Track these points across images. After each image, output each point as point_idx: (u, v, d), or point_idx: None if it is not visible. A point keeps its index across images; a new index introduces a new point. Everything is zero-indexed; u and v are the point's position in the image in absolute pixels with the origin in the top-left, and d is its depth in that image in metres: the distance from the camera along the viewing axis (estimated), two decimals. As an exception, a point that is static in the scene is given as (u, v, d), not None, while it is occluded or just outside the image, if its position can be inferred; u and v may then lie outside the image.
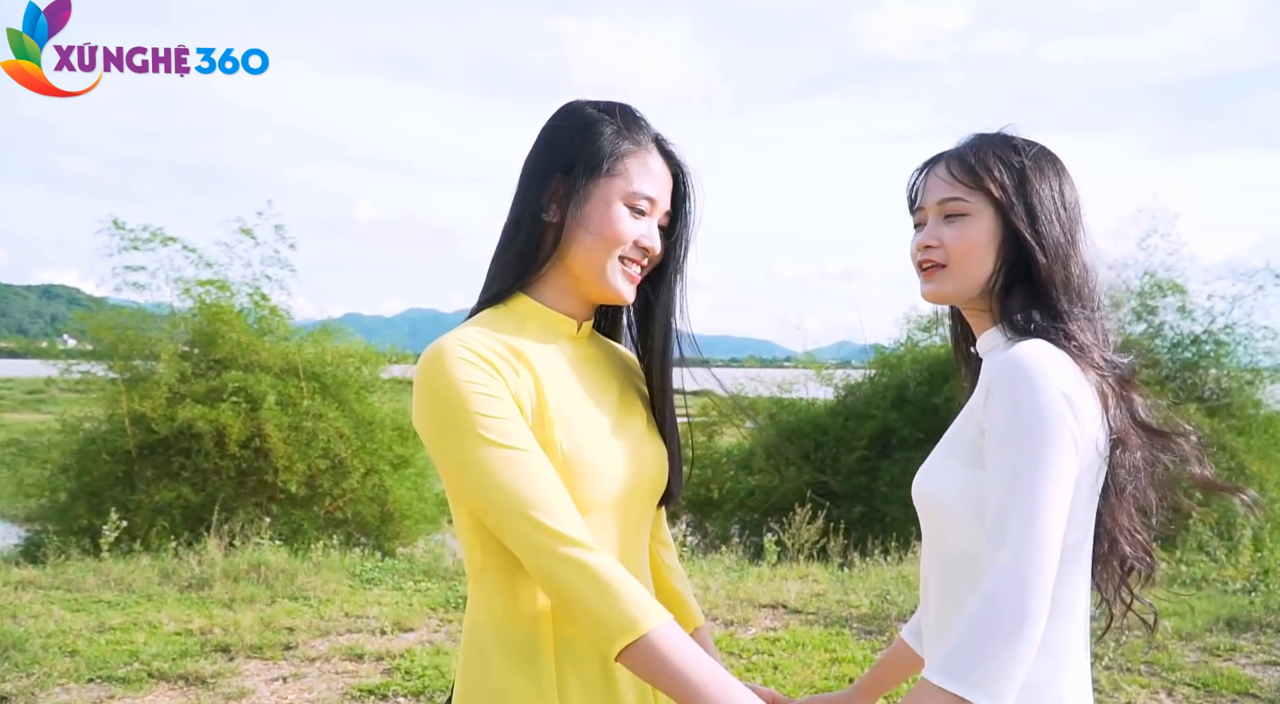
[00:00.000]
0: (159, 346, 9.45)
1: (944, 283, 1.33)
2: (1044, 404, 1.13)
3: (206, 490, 8.95)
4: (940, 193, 1.33)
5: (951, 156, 1.35)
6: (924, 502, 1.31)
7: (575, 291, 1.31)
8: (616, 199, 1.26)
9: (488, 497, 1.13)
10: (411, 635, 5.03)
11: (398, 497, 10.02)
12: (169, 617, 5.18)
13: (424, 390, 1.17)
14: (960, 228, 1.31)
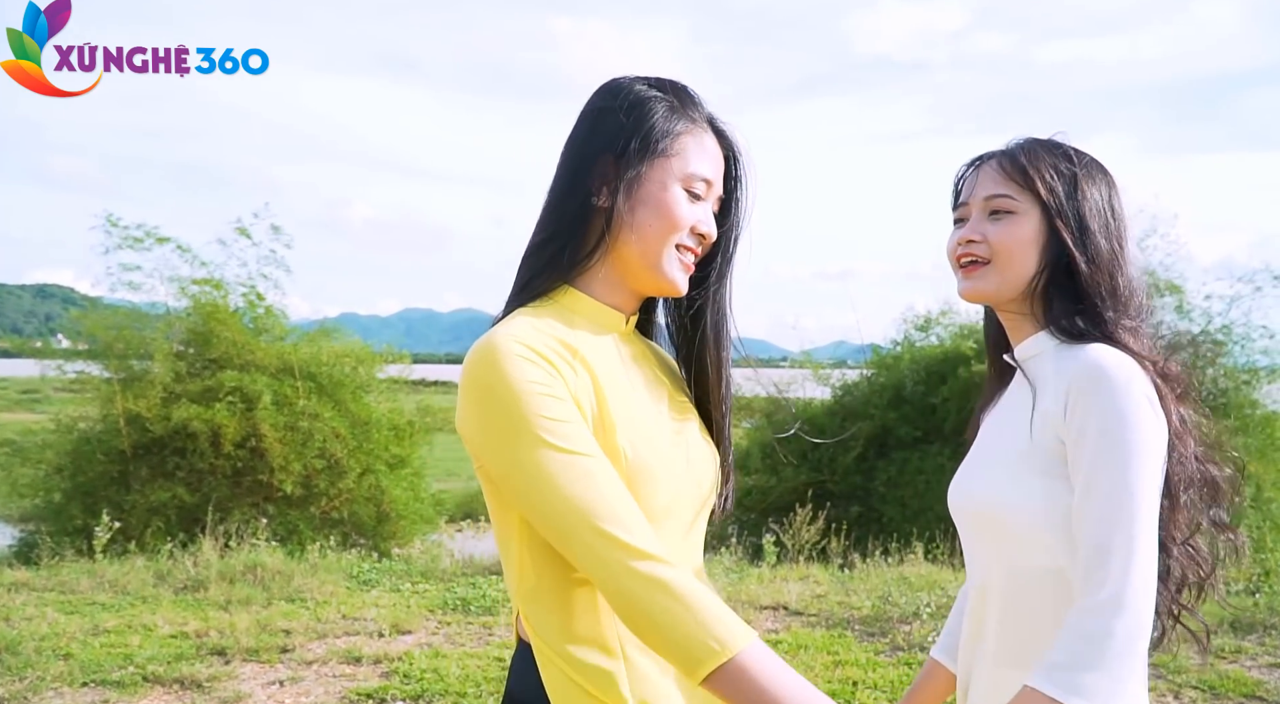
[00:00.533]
0: (154, 346, 9.40)
1: (985, 280, 1.30)
2: (1136, 414, 1.14)
3: (202, 490, 8.91)
4: (989, 189, 1.31)
5: (1003, 155, 1.33)
6: (992, 516, 1.25)
7: (625, 283, 1.20)
8: (673, 181, 1.15)
9: (551, 507, 1.03)
10: (409, 638, 4.98)
11: (394, 497, 9.99)
12: (164, 619, 5.13)
13: (475, 389, 1.06)
14: (1006, 225, 1.28)
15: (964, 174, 1.37)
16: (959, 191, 1.37)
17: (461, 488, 18.51)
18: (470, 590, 5.95)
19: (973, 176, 1.35)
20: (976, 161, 1.36)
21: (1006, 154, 1.32)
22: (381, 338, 18.36)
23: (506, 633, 5.11)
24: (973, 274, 1.31)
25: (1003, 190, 1.29)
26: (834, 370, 13.97)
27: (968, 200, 1.34)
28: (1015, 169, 1.29)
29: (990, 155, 1.35)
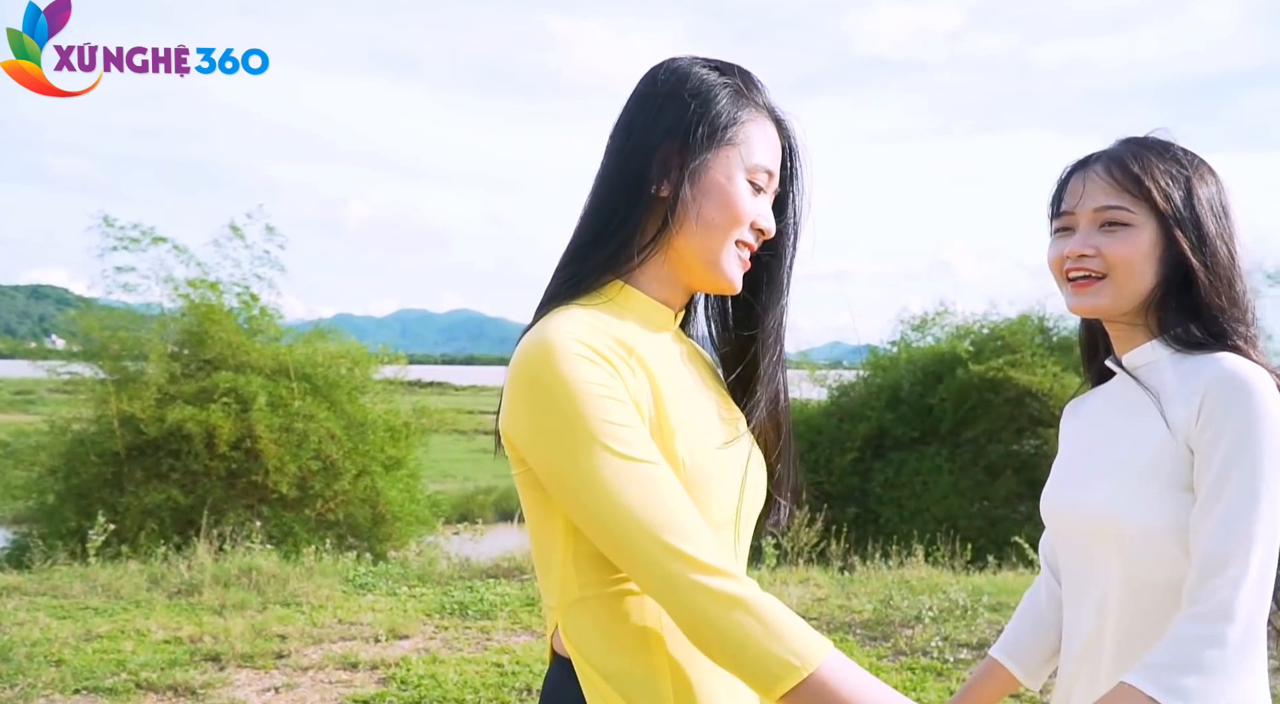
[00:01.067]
0: (149, 347, 9.35)
1: (1100, 296, 1.26)
2: (1271, 425, 1.13)
3: (196, 492, 8.87)
4: (1100, 199, 1.25)
5: (1112, 161, 1.27)
6: (1116, 527, 1.21)
7: (679, 279, 1.11)
8: (738, 171, 1.07)
9: (610, 518, 0.95)
10: (406, 643, 4.93)
11: (390, 498, 9.96)
12: (157, 624, 5.06)
13: (529, 388, 0.98)
14: (1122, 238, 1.24)
15: (1067, 179, 1.31)
16: (1060, 198, 1.31)
17: (457, 489, 18.48)
18: (467, 594, 5.89)
19: (1078, 184, 1.28)
20: (1080, 166, 1.31)
21: (1115, 160, 1.27)
22: (377, 338, 18.32)
23: (504, 637, 5.06)
24: (1086, 289, 1.27)
25: (1116, 201, 1.24)
26: (830, 371, 13.95)
27: (1074, 210, 1.28)
28: (1128, 178, 1.24)
29: (1095, 159, 1.29)
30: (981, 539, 10.05)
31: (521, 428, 1.00)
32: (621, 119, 1.12)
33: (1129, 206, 1.24)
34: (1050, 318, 12.12)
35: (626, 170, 1.08)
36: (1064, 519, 1.32)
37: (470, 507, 17.70)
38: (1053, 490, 1.35)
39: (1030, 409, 10.88)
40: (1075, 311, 1.30)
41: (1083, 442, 1.35)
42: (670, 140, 1.07)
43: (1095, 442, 1.32)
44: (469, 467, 23.29)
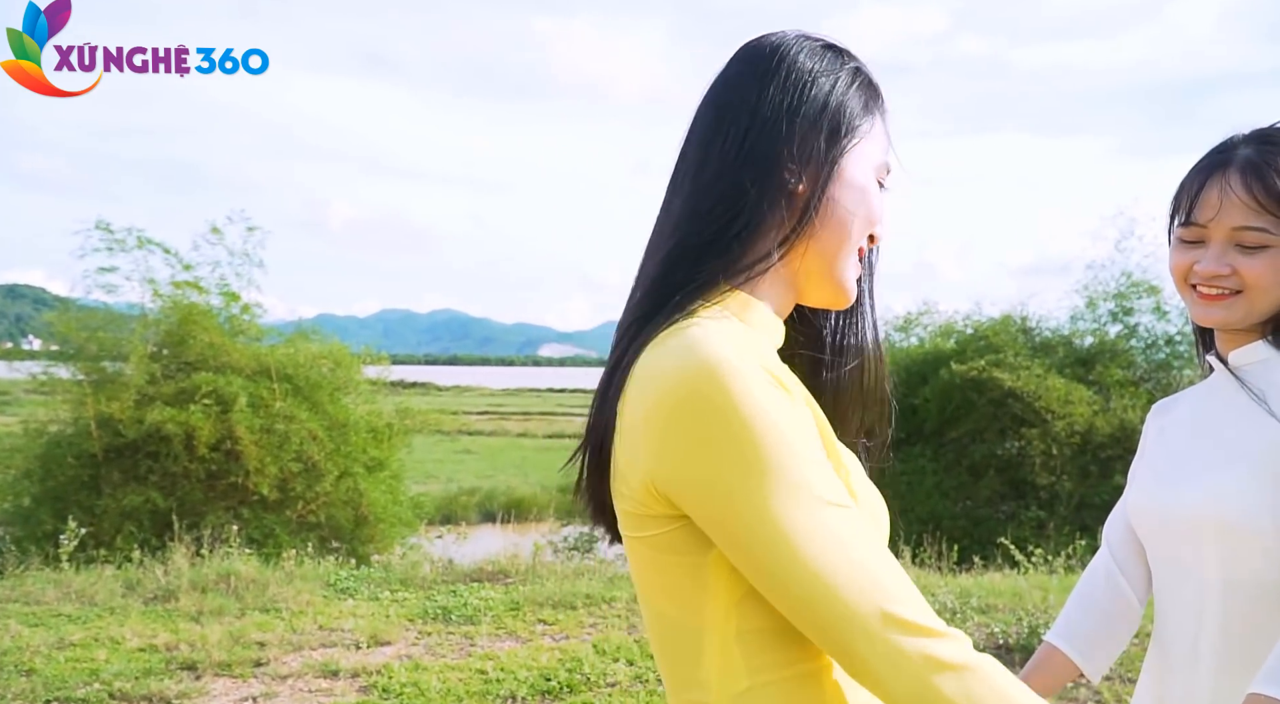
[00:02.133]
0: (128, 348, 9.23)
1: (1232, 311, 1.23)
2: None
3: (175, 494, 8.76)
4: (1239, 219, 1.21)
5: (1251, 174, 1.21)
6: (1219, 524, 1.19)
7: (791, 289, 0.93)
8: (871, 168, 0.93)
9: (816, 580, 0.76)
10: (389, 649, 4.84)
11: (372, 500, 9.88)
12: (132, 632, 4.95)
13: (697, 419, 0.77)
14: (1263, 260, 1.21)
15: (1199, 186, 1.25)
16: (1191, 206, 1.25)
17: (440, 491, 18.38)
18: (451, 598, 5.81)
19: (1214, 195, 1.23)
20: (1214, 170, 1.24)
21: (1254, 172, 1.21)
22: (359, 339, 18.12)
23: (488, 643, 4.98)
24: (1217, 303, 1.24)
25: (1256, 223, 1.20)
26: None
27: (1208, 224, 1.23)
28: (1270, 197, 1.20)
29: (1230, 166, 1.23)
30: (965, 539, 10.06)
31: (683, 469, 0.78)
32: (732, 98, 0.91)
33: (1270, 228, 1.20)
34: (1033, 318, 12.17)
35: (755, 159, 0.89)
36: (1160, 517, 1.29)
37: (454, 508, 17.61)
38: (1146, 488, 1.33)
39: (1013, 409, 10.89)
40: (1202, 323, 1.28)
41: (1179, 439, 1.33)
42: (812, 128, 0.90)
43: (1195, 438, 1.30)
44: (452, 468, 23.18)
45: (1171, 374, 11.27)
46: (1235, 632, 1.20)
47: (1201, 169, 1.27)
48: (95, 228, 9.21)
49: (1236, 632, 1.19)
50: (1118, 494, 5.95)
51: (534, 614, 5.49)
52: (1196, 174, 1.27)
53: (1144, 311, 11.46)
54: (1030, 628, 4.84)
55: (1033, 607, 5.41)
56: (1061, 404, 10.60)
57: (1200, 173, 1.26)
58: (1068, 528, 10.26)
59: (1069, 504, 10.53)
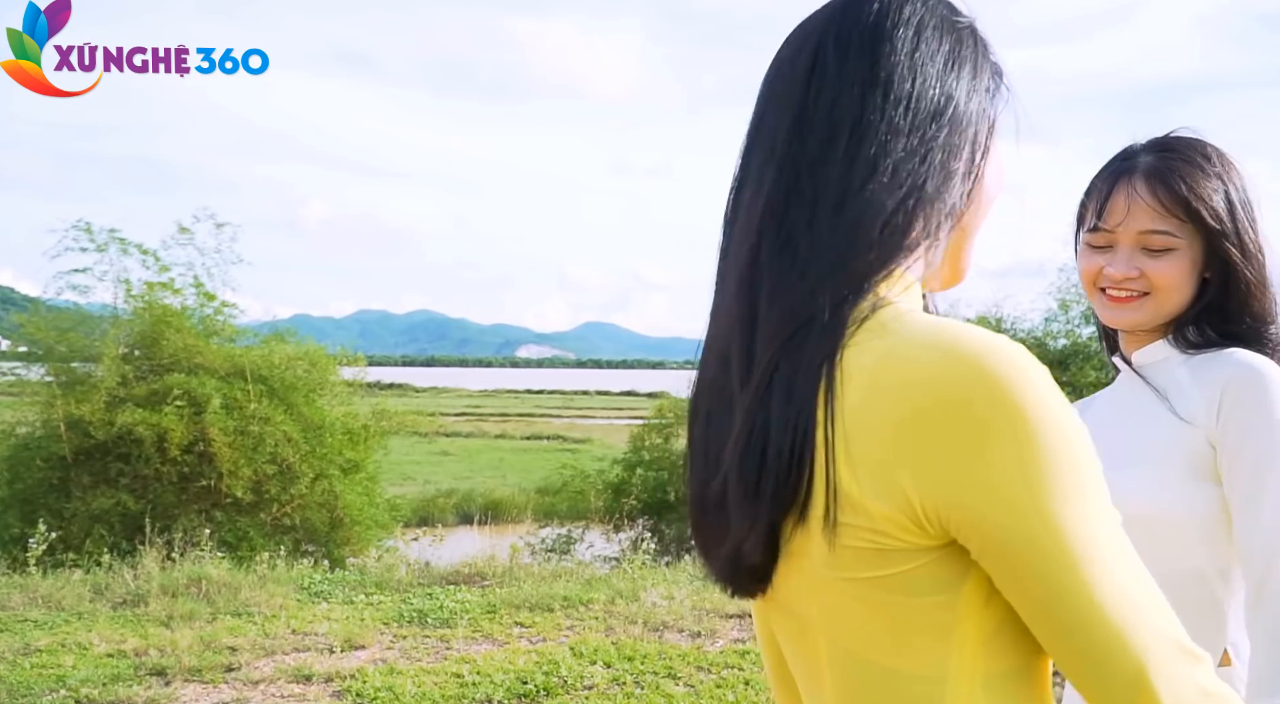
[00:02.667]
0: (100, 349, 9.11)
1: (1141, 312, 1.27)
2: None
3: (147, 497, 8.65)
4: (1145, 223, 1.24)
5: (1155, 179, 1.25)
6: (1135, 519, 1.18)
7: (928, 268, 0.80)
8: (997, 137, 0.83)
9: (1124, 606, 0.66)
10: (363, 653, 4.78)
11: (348, 502, 9.81)
12: (100, 637, 4.86)
13: (998, 426, 0.65)
14: (1169, 262, 1.24)
15: (1106, 193, 1.27)
16: (1099, 212, 1.27)
17: (417, 492, 18.27)
18: (427, 601, 5.75)
19: (1121, 201, 1.25)
20: (1120, 176, 1.27)
21: (1158, 178, 1.24)
22: (336, 340, 17.99)
23: (464, 646, 4.93)
24: (1126, 305, 1.27)
25: (1162, 226, 1.24)
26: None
27: (1115, 229, 1.26)
28: (1175, 201, 1.23)
29: (1134, 171, 1.26)
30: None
31: (970, 486, 0.65)
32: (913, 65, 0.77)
33: (1175, 231, 1.23)
34: (1007, 319, 12.26)
35: (957, 131, 0.76)
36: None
37: (430, 510, 17.51)
38: None
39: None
40: (1112, 325, 1.31)
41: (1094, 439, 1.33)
42: (988, 108, 0.79)
43: (1106, 437, 1.30)
44: (429, 469, 23.06)
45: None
46: None
47: (1106, 176, 1.29)
48: (75, 228, 9.13)
49: None
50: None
51: (511, 617, 5.45)
52: (1102, 181, 1.29)
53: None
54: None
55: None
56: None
57: (1106, 180, 1.29)
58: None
59: (1044, 504, 10.64)
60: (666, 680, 4.38)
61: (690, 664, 4.59)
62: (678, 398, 13.43)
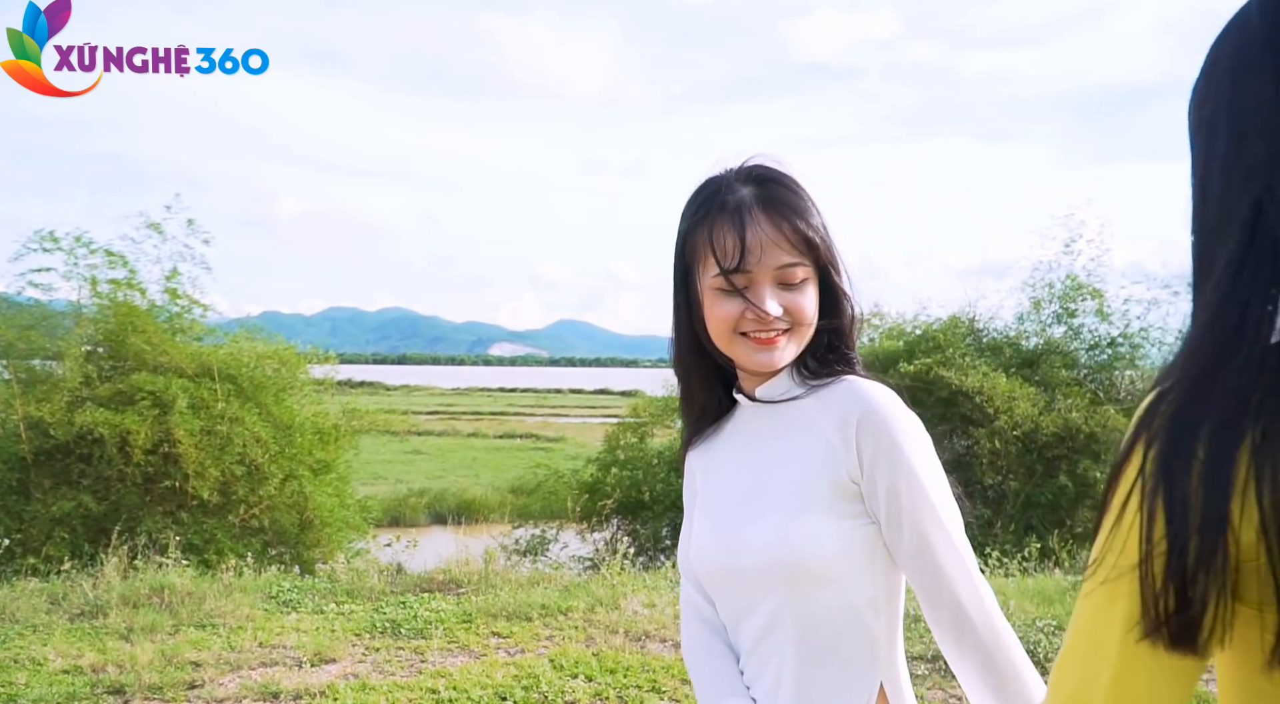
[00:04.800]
0: (62, 347, 8.84)
1: (786, 351, 1.24)
2: (928, 444, 1.22)
3: (110, 499, 8.41)
4: (779, 258, 1.21)
5: (773, 211, 1.23)
6: (785, 562, 1.19)
7: None
8: None
9: None
10: (334, 667, 4.59)
11: (318, 503, 9.62)
12: (56, 651, 4.63)
13: None
14: (806, 295, 1.23)
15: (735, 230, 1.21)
16: (736, 251, 1.21)
17: (389, 492, 18.03)
18: (400, 610, 5.56)
19: (752, 237, 1.21)
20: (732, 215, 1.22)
21: (776, 211, 1.22)
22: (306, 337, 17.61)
23: (440, 659, 4.76)
24: (773, 346, 1.23)
25: (793, 259, 1.22)
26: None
27: (752, 270, 1.21)
28: (796, 233, 1.22)
29: (747, 204, 1.23)
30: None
31: None
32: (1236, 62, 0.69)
33: (803, 262, 1.22)
34: (980, 319, 12.27)
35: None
36: (724, 562, 1.27)
37: (402, 510, 17.28)
38: (706, 536, 1.30)
39: (962, 409, 10.94)
40: (761, 369, 1.25)
41: (728, 480, 1.32)
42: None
43: (744, 478, 1.30)
44: (401, 468, 22.79)
45: (1114, 375, 11.46)
46: (814, 658, 1.21)
47: (720, 215, 1.24)
48: (37, 235, 8.90)
49: (815, 658, 1.21)
50: (1062, 494, 5.92)
51: (487, 626, 5.28)
52: (719, 220, 1.23)
53: (1087, 313, 11.65)
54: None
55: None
56: (1006, 401, 10.69)
57: (723, 219, 1.23)
58: (1014, 527, 10.33)
59: (1015, 503, 10.61)
60: (651, 695, 4.24)
61: (674, 677, 4.44)
62: (652, 397, 13.32)
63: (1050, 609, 5.54)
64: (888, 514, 1.18)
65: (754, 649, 1.25)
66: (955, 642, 1.17)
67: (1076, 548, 8.30)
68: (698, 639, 1.32)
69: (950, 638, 1.17)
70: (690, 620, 1.34)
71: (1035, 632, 4.81)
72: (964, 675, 1.18)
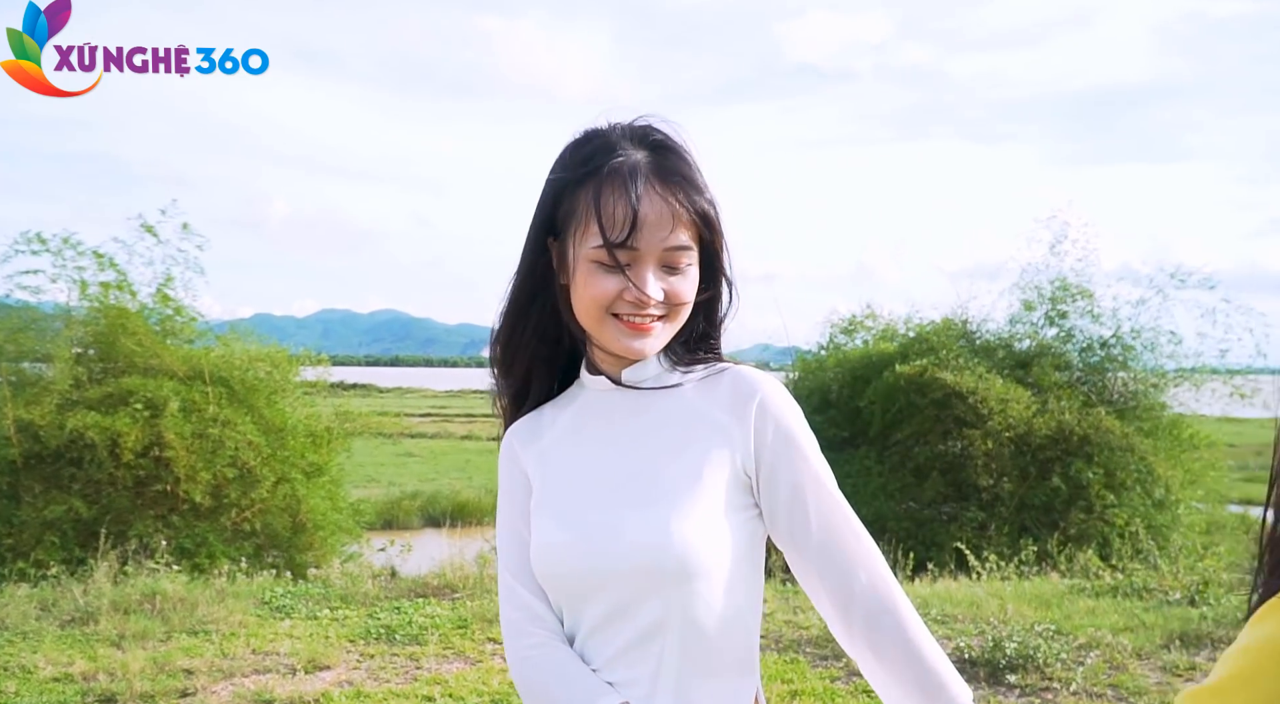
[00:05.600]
0: (52, 350, 8.78)
1: (659, 337, 1.13)
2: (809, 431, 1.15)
3: (100, 503, 8.34)
4: (668, 239, 1.09)
5: (670, 184, 1.10)
6: (681, 562, 1.07)
7: None
8: None
9: None
10: (328, 674, 4.55)
11: (311, 506, 9.58)
12: (46, 659, 4.58)
13: None
14: (688, 279, 1.12)
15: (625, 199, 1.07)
16: (625, 222, 1.07)
17: (382, 495, 17.94)
18: (395, 616, 5.52)
19: (648, 209, 1.08)
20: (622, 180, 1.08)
21: (674, 183, 1.10)
22: (298, 340, 17.54)
23: (435, 665, 4.72)
24: (647, 333, 1.11)
25: (684, 241, 1.10)
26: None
27: (640, 247, 1.08)
28: (689, 215, 1.10)
29: (640, 175, 1.09)
30: (910, 541, 10.09)
31: None
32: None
33: (691, 244, 1.11)
34: (973, 321, 12.28)
35: None
36: (591, 563, 1.10)
37: (395, 513, 17.20)
38: (561, 533, 1.13)
39: (955, 410, 10.94)
40: (629, 355, 1.12)
41: (584, 474, 1.16)
42: None
43: (612, 471, 1.15)
44: (394, 471, 22.70)
45: (1106, 377, 11.47)
46: (698, 658, 1.10)
47: (607, 181, 1.09)
48: (24, 237, 8.83)
49: (699, 657, 1.10)
50: (1055, 495, 5.88)
51: (483, 632, 5.23)
52: (606, 187, 1.09)
53: (1078, 314, 11.67)
54: (994, 641, 4.73)
55: (992, 617, 5.32)
56: (1000, 403, 10.70)
57: (610, 185, 1.09)
58: (1008, 529, 10.33)
59: (1009, 505, 10.61)
60: (647, 701, 4.20)
61: (671, 683, 4.41)
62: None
63: (1048, 613, 5.52)
64: (791, 507, 1.11)
65: (620, 657, 1.11)
66: (873, 642, 1.08)
67: (1073, 551, 8.29)
68: (545, 648, 1.13)
69: (867, 638, 1.08)
70: (529, 628, 1.14)
71: (1034, 637, 4.78)
72: (886, 680, 1.09)
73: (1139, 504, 10.42)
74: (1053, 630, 5.04)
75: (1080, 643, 4.94)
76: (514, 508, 1.20)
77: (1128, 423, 10.80)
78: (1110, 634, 5.08)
